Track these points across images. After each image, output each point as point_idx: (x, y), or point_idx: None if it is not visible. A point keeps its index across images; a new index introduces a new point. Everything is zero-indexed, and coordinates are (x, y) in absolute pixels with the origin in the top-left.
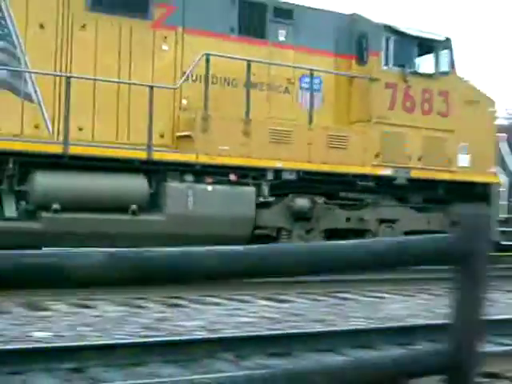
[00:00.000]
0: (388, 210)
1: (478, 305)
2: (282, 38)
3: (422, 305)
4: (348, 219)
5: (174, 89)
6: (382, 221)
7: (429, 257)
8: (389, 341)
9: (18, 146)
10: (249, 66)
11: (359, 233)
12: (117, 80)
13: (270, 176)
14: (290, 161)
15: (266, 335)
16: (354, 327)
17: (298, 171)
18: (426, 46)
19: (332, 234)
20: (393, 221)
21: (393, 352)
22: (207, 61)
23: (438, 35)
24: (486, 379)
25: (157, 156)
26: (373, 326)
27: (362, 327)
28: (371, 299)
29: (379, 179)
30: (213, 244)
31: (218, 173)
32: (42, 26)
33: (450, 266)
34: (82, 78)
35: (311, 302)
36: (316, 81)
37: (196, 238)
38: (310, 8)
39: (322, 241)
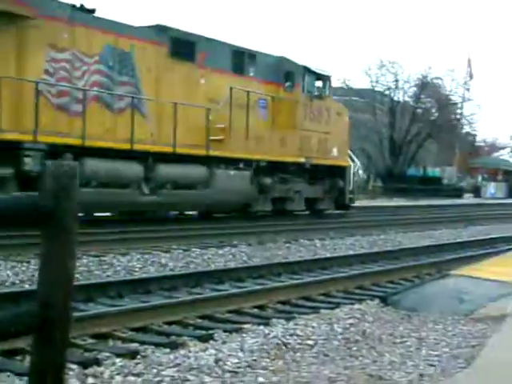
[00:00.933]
0: (298, 184)
1: (66, 263)
2: (251, 74)
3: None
4: (282, 190)
5: (208, 109)
6: (295, 191)
7: (14, 216)
8: None
9: (154, 148)
10: (248, 94)
11: (288, 199)
12: (190, 104)
13: (254, 165)
14: (263, 154)
15: None
16: None
17: (266, 161)
18: (320, 78)
19: (276, 199)
20: (299, 191)
21: None
22: (231, 90)
23: (326, 72)
24: (94, 340)
25: (210, 152)
26: None
27: None
28: None
29: (298, 165)
30: (232, 205)
31: (234, 162)
32: (148, 70)
33: (37, 225)
34: (182, 104)
35: None
36: (265, 102)
37: (226, 202)
38: (262, 52)
39: (270, 205)
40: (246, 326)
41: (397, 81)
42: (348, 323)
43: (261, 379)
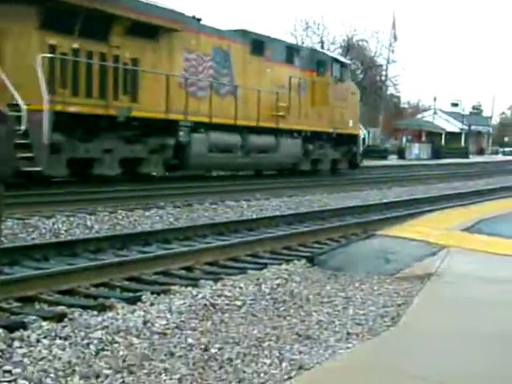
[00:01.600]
0: (327, 149)
1: None
2: (297, 64)
3: None
4: (318, 154)
5: (277, 93)
6: (325, 154)
7: None
8: None
9: (247, 123)
10: (299, 80)
11: (319, 160)
12: (267, 89)
13: (302, 134)
14: (308, 126)
15: None
16: None
17: (310, 131)
18: (342, 65)
19: (313, 160)
20: (327, 154)
21: None
22: (290, 79)
23: (346, 60)
24: (20, 303)
25: (279, 125)
26: None
27: None
28: None
29: (328, 134)
30: (288, 165)
31: (290, 132)
32: (238, 64)
33: None
34: (263, 90)
35: None
36: (305, 85)
37: (285, 163)
38: (302, 46)
39: (310, 166)
40: (173, 287)
41: (322, 42)
42: (275, 283)
43: (190, 340)
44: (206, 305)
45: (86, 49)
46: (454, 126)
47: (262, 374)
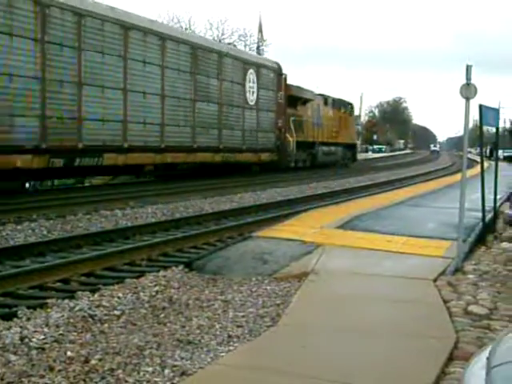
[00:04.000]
0: (347, 152)
1: None
2: (335, 106)
3: None
4: (345, 154)
5: (334, 125)
6: (347, 155)
7: None
8: None
9: (330, 140)
10: (338, 116)
11: (345, 158)
12: (331, 123)
13: (343, 145)
14: (343, 140)
15: None
16: None
17: (345, 143)
18: (351, 106)
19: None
20: (347, 154)
21: None
22: (335, 116)
23: (351, 102)
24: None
25: (337, 140)
26: None
27: None
28: None
29: (348, 144)
30: (338, 161)
31: (339, 144)
32: (320, 111)
33: None
34: (330, 123)
35: None
36: (339, 118)
37: (338, 160)
38: (335, 97)
39: (342, 161)
40: (50, 300)
41: None
42: (154, 291)
43: (69, 353)
44: (84, 316)
45: (292, 113)
46: None
47: (144, 383)
